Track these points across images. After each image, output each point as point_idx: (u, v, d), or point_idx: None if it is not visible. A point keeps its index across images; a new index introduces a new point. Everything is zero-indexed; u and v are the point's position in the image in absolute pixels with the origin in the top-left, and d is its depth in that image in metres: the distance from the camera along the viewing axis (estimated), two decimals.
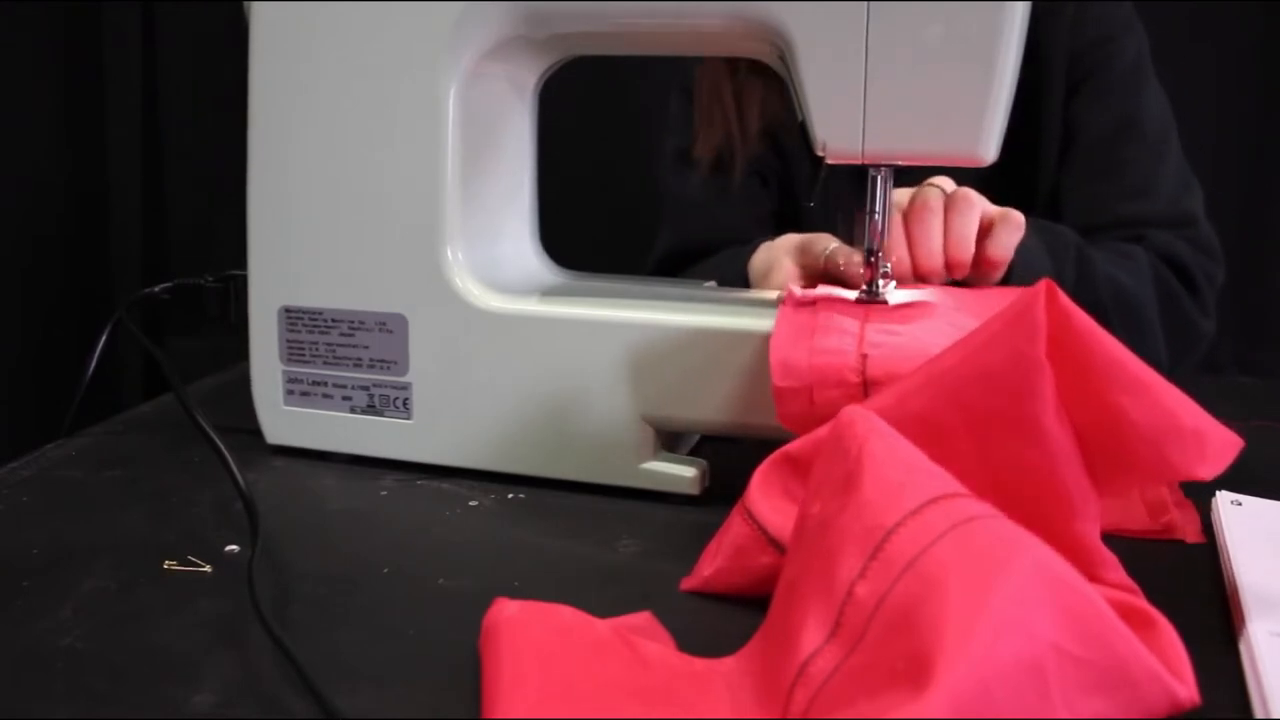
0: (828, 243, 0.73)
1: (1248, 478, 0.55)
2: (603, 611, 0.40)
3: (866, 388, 0.50)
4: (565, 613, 0.39)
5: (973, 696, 0.28)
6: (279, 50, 0.59)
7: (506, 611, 0.39)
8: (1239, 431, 0.38)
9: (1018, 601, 0.30)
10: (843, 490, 0.37)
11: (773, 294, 0.62)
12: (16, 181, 1.46)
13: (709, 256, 0.99)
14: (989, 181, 0.97)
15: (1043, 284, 0.39)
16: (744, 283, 0.85)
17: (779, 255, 0.78)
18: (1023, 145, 0.94)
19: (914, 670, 0.29)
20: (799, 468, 0.46)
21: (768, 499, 0.45)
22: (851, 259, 0.66)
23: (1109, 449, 0.39)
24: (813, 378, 0.51)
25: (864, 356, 0.50)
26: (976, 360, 0.41)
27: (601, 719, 0.34)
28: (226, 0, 0.74)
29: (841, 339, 0.52)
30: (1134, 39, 0.95)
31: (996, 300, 0.59)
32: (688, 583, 0.47)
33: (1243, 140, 1.27)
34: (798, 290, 0.57)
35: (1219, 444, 0.38)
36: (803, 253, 0.75)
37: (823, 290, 0.59)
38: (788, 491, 0.45)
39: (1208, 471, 0.37)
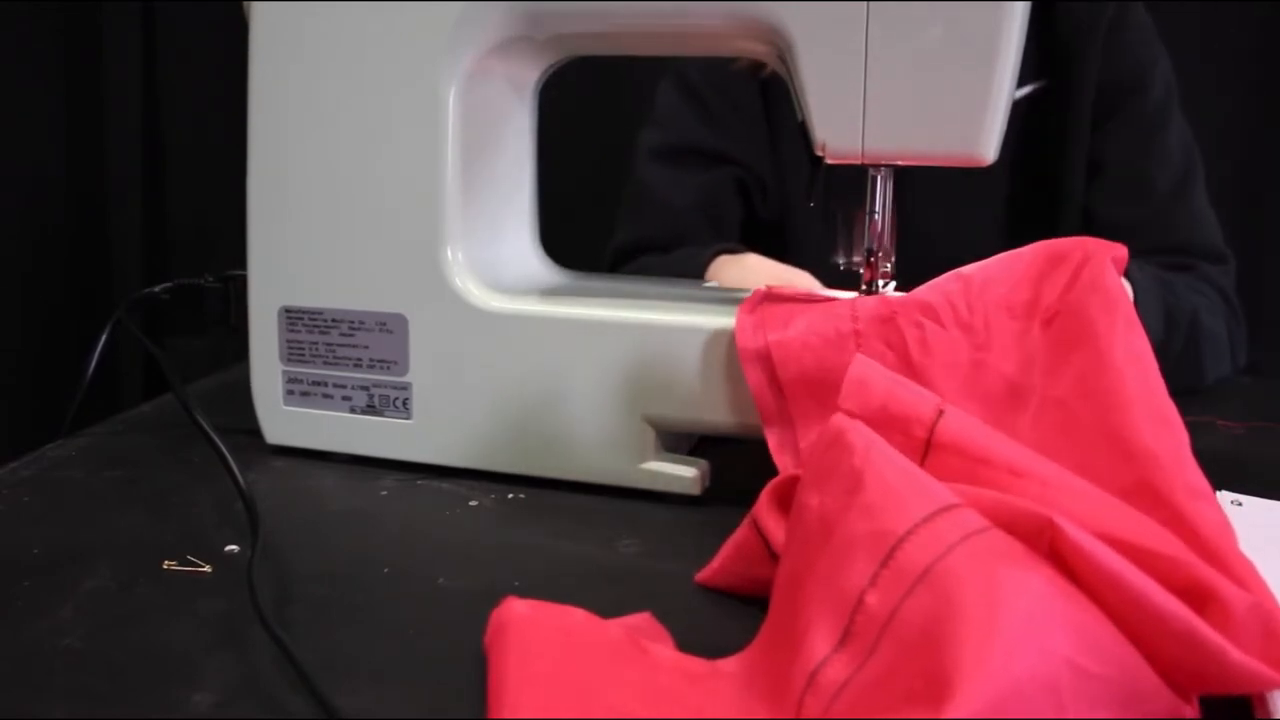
0: (809, 285, 0.73)
1: (1248, 478, 0.55)
2: (603, 612, 0.40)
3: (928, 449, 0.42)
4: (576, 614, 0.39)
5: (990, 716, 0.28)
6: (279, 50, 0.59)
7: (516, 610, 0.39)
8: (1239, 432, 0.38)
9: (1033, 618, 0.30)
10: (847, 489, 0.37)
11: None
12: (16, 181, 1.46)
13: (665, 252, 0.97)
14: (1014, 202, 0.96)
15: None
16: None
17: (755, 281, 0.77)
18: (1048, 169, 0.94)
19: (932, 691, 0.29)
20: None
21: (774, 519, 0.45)
22: None
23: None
24: (883, 409, 0.42)
25: (940, 413, 0.42)
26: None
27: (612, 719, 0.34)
28: (226, 0, 0.74)
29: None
30: (1162, 73, 0.94)
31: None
32: (701, 575, 0.47)
33: (1243, 141, 1.27)
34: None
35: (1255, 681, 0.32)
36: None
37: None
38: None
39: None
